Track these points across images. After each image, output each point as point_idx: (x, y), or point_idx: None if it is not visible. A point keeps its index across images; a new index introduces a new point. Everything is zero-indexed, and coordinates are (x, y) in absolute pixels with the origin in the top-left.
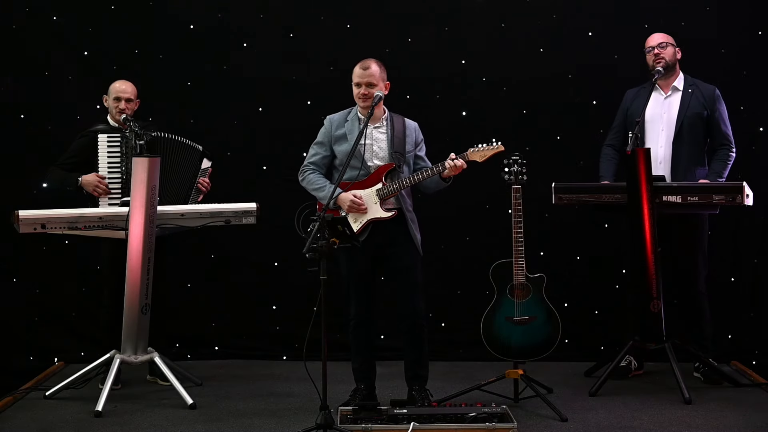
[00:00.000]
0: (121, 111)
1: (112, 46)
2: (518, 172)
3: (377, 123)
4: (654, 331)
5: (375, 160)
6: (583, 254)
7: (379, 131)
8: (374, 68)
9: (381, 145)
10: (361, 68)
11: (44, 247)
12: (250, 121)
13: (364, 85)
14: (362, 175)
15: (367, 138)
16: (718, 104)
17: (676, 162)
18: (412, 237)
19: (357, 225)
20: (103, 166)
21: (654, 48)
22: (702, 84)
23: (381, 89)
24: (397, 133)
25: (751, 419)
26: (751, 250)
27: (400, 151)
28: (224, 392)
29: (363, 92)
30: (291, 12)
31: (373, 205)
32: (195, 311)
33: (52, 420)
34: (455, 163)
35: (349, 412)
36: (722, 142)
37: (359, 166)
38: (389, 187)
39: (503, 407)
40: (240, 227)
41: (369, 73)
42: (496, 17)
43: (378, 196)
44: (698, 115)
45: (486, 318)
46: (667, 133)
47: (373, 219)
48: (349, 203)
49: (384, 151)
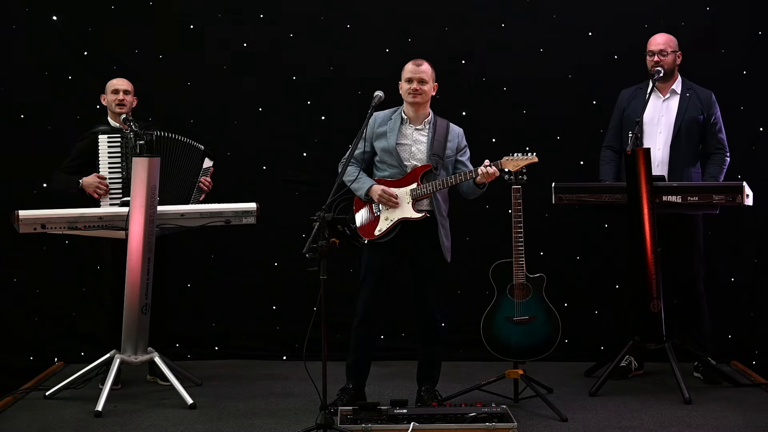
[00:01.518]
0: (121, 103)
1: (112, 46)
2: (518, 172)
3: (419, 125)
4: (654, 331)
5: (412, 161)
6: (583, 254)
7: (420, 133)
8: (427, 66)
9: (420, 147)
10: (414, 65)
11: (44, 247)
12: (250, 121)
13: (416, 81)
14: (398, 174)
15: (407, 138)
16: (715, 109)
17: (674, 164)
18: (441, 242)
19: (387, 223)
20: (104, 167)
21: (655, 54)
22: (699, 88)
23: (431, 88)
24: (438, 136)
25: (751, 419)
26: (751, 250)
27: (439, 154)
28: (224, 392)
29: (414, 87)
30: (291, 12)
31: (406, 204)
32: (195, 311)
33: (52, 420)
34: (488, 171)
35: (349, 412)
36: (717, 146)
37: (396, 165)
38: (423, 188)
39: (503, 407)
40: (240, 227)
41: (422, 69)
42: (496, 17)
43: (411, 196)
44: (695, 119)
45: (486, 318)
46: (665, 135)
47: (404, 218)
48: (380, 193)
49: (422, 153)
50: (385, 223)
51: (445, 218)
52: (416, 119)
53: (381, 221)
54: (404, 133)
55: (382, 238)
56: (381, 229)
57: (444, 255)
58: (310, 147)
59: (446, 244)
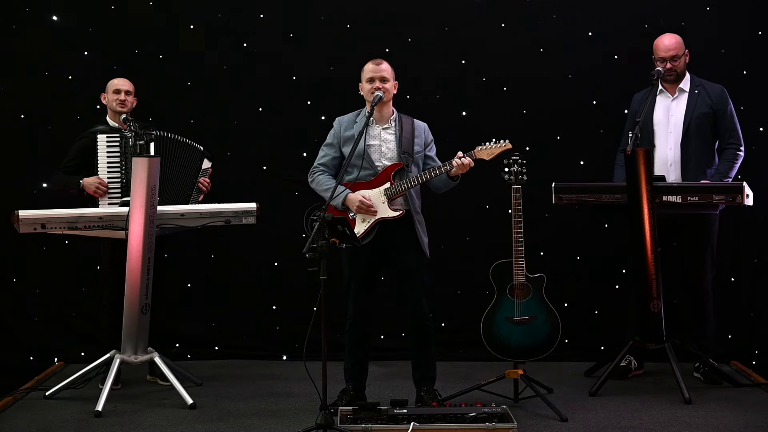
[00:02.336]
0: (122, 103)
1: (112, 46)
2: (518, 172)
3: (385, 124)
4: (654, 331)
5: (383, 161)
6: (583, 254)
7: (387, 132)
8: (386, 65)
9: (389, 145)
10: (374, 64)
11: (44, 247)
12: (250, 121)
13: (378, 79)
14: (370, 175)
15: (375, 139)
16: (726, 104)
17: (686, 163)
18: (419, 240)
19: (365, 225)
20: (103, 167)
21: (667, 61)
22: (708, 84)
23: (392, 86)
24: (405, 133)
25: (751, 419)
26: (751, 250)
27: (408, 151)
28: (224, 392)
29: (377, 86)
30: (291, 12)
31: (381, 204)
32: (195, 311)
33: (52, 420)
34: (462, 162)
35: (349, 412)
36: (730, 141)
37: (367, 167)
38: (397, 187)
39: (503, 407)
40: (240, 227)
41: (383, 68)
42: (496, 17)
43: (386, 195)
44: (705, 115)
45: (486, 318)
46: (675, 135)
47: (381, 219)
48: (358, 204)
49: (392, 152)
50: (362, 226)
51: (420, 214)
52: (381, 119)
53: (358, 224)
54: (371, 134)
55: (361, 241)
56: (359, 231)
57: (424, 252)
58: (310, 147)
59: (425, 240)
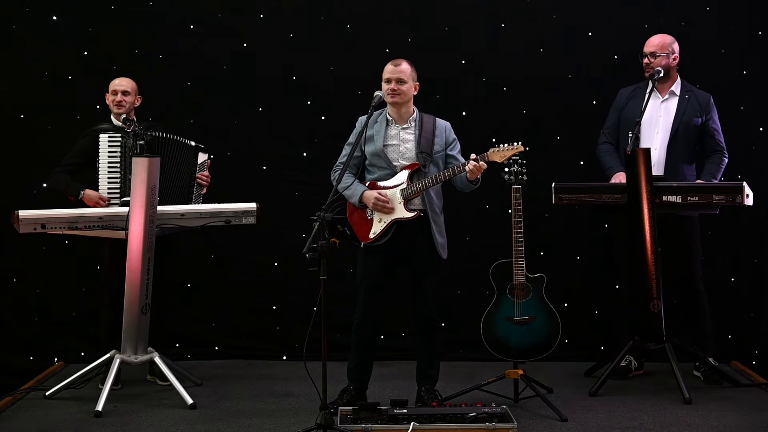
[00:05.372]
0: (118, 104)
1: (112, 46)
2: (518, 172)
3: (405, 124)
4: (654, 331)
5: (402, 161)
6: (583, 254)
7: (406, 132)
8: (405, 65)
9: (408, 145)
10: (392, 65)
11: (44, 247)
12: (250, 121)
13: (395, 80)
14: (388, 175)
15: (394, 139)
16: (713, 112)
17: (669, 164)
18: (435, 241)
19: (381, 225)
20: (104, 166)
21: (646, 56)
22: (698, 91)
23: (411, 88)
24: (425, 133)
25: (751, 419)
26: (751, 250)
27: (427, 151)
28: (224, 392)
29: (392, 87)
30: (291, 12)
31: (398, 205)
32: (195, 311)
33: (52, 420)
34: (475, 165)
35: (349, 412)
36: (716, 148)
37: (385, 166)
38: (413, 187)
39: (503, 407)
40: (240, 227)
41: (400, 69)
42: (496, 17)
43: (402, 195)
44: (693, 121)
45: (486, 318)
46: (663, 136)
47: (397, 219)
48: (373, 200)
49: (411, 152)
50: (379, 226)
51: (438, 215)
52: (400, 119)
53: (375, 224)
54: (390, 134)
55: (377, 241)
56: (375, 231)
57: (439, 252)
58: (310, 147)
59: (440, 241)
